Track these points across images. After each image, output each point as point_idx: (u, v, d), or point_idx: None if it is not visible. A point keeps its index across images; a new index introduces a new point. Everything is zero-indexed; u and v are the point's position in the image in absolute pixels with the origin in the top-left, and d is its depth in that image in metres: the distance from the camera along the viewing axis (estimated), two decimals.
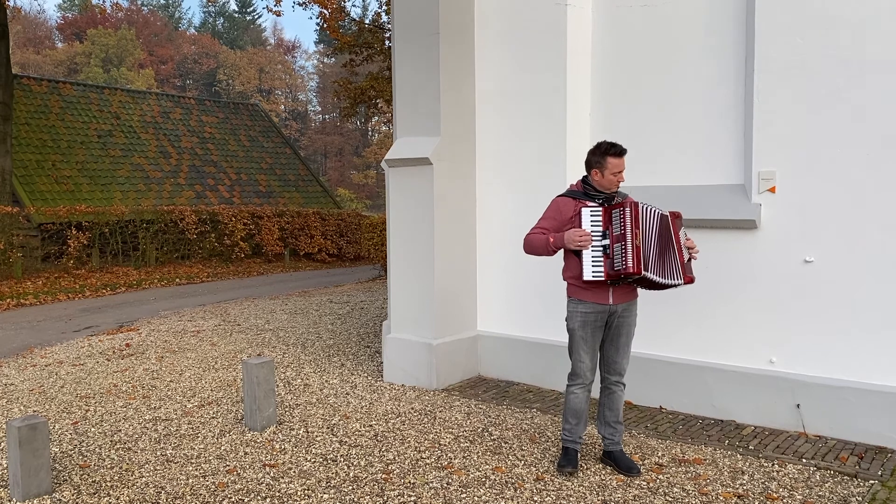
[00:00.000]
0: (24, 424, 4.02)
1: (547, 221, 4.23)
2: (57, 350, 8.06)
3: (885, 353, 4.64)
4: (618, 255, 3.92)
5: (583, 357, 4.21)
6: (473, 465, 4.43)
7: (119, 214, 15.99)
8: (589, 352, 4.20)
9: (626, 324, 4.22)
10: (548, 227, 4.20)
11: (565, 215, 4.16)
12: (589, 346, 4.19)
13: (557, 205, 4.23)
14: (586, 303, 4.15)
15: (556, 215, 4.20)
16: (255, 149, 22.62)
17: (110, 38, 49.14)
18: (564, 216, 4.16)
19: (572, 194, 4.22)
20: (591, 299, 4.14)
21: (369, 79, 19.49)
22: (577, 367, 4.24)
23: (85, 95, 20.05)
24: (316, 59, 61.31)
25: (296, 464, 4.49)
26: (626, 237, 3.90)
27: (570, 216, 4.14)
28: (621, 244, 3.91)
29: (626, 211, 3.94)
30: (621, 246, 3.91)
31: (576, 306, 4.20)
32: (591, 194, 4.15)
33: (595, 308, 4.14)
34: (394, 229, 6.43)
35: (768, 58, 4.95)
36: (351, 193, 44.06)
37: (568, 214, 4.15)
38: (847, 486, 4.04)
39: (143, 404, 5.82)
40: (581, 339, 4.18)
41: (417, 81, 6.24)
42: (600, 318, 4.16)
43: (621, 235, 3.92)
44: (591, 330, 4.17)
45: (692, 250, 4.13)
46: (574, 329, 4.21)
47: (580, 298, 4.18)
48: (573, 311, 4.21)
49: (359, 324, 9.28)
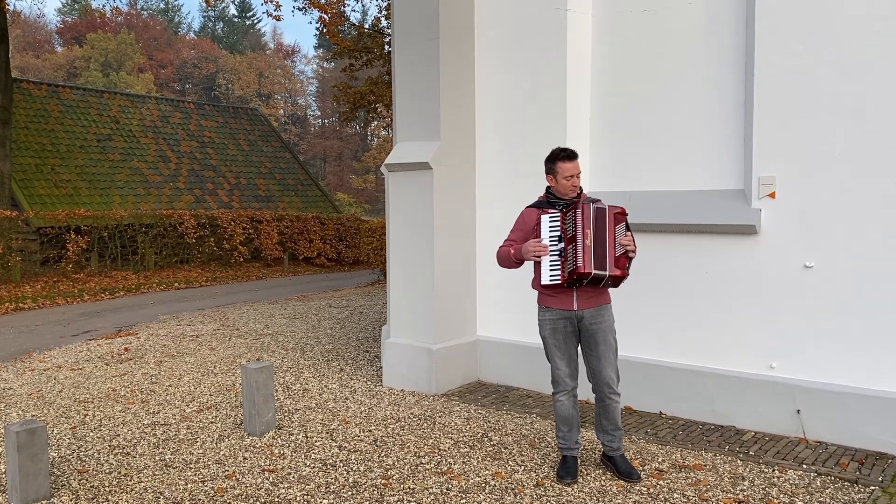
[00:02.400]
0: (22, 429, 4.01)
1: (514, 233, 4.33)
2: (55, 354, 8.04)
3: (885, 359, 4.63)
4: (570, 257, 4.00)
5: (559, 364, 4.24)
6: (473, 470, 4.42)
7: (118, 218, 15.99)
8: (564, 358, 4.23)
9: (599, 330, 4.19)
10: (515, 239, 4.30)
11: (529, 225, 4.26)
12: (563, 352, 4.22)
13: (523, 216, 4.33)
14: (553, 310, 4.21)
15: (522, 226, 4.30)
16: (254, 153, 22.63)
17: (110, 42, 49.16)
18: (528, 226, 4.26)
19: (537, 204, 4.31)
20: (557, 305, 4.19)
21: (369, 83, 19.52)
22: (555, 375, 4.27)
23: (84, 99, 20.06)
24: (315, 64, 61.38)
25: (295, 469, 4.47)
26: (577, 238, 3.98)
27: (532, 225, 4.23)
28: (573, 245, 4.00)
29: (578, 213, 4.01)
30: (573, 247, 4.00)
31: (544, 314, 4.26)
32: (553, 202, 4.22)
33: (561, 314, 4.19)
34: (393, 234, 6.43)
35: (768, 63, 4.96)
36: (350, 198, 44.06)
37: (531, 224, 4.24)
38: (848, 492, 4.03)
39: (141, 409, 5.81)
40: (554, 346, 4.24)
41: (417, 86, 6.24)
42: (569, 324, 4.20)
43: (573, 237, 4.01)
44: (562, 336, 4.21)
45: (627, 247, 4.07)
46: (546, 337, 4.27)
47: (547, 306, 4.25)
48: (542, 320, 4.27)
49: (358, 328, 9.27)
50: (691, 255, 5.33)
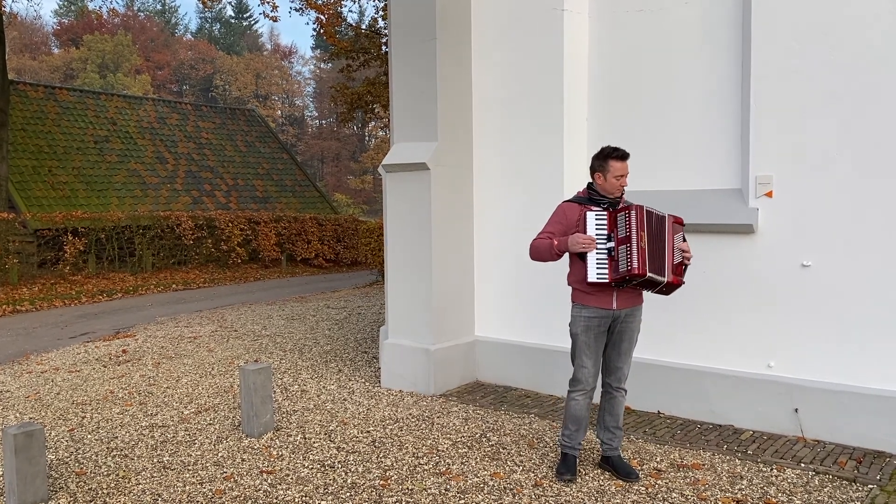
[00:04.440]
0: (19, 432, 4.00)
1: (552, 226, 4.24)
2: (53, 356, 8.03)
3: (883, 358, 4.64)
4: (622, 257, 3.94)
5: (585, 363, 4.20)
6: (471, 470, 4.42)
7: (115, 220, 15.96)
8: (592, 357, 4.20)
9: (629, 329, 4.22)
10: (553, 232, 4.20)
11: (570, 220, 4.18)
12: (592, 351, 4.19)
13: (563, 210, 4.25)
14: (590, 307, 4.16)
15: (562, 220, 4.22)
16: (251, 154, 22.60)
17: (107, 43, 49.09)
18: (570, 221, 4.18)
19: (578, 200, 4.25)
20: (595, 304, 4.14)
21: (366, 84, 19.49)
22: (579, 373, 4.23)
23: (81, 101, 20.03)
24: (313, 65, 61.33)
25: (293, 470, 4.47)
26: (632, 239, 3.92)
27: (575, 220, 4.16)
28: (626, 246, 3.94)
29: (632, 214, 3.96)
30: (626, 248, 3.94)
31: (580, 311, 4.20)
32: (596, 199, 4.18)
33: (599, 313, 4.14)
34: (391, 234, 6.43)
35: (765, 62, 4.96)
36: (348, 198, 44.01)
37: (573, 219, 4.17)
38: (846, 491, 4.03)
39: (139, 411, 5.80)
40: (584, 344, 4.18)
41: (415, 86, 6.24)
42: (604, 323, 4.16)
43: (626, 238, 3.94)
44: (594, 335, 4.17)
45: (685, 254, 4.17)
46: (577, 334, 4.21)
47: (584, 304, 4.18)
48: (577, 316, 4.21)
49: (356, 329, 9.26)
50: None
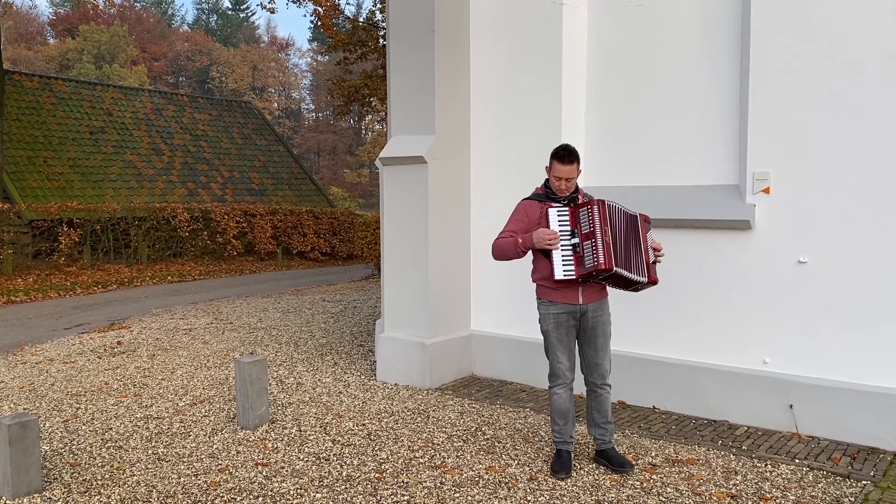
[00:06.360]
0: (14, 422, 3.99)
1: (514, 224, 4.24)
2: (48, 347, 8.01)
3: (878, 354, 4.65)
4: (588, 253, 3.95)
5: (560, 357, 4.23)
6: (467, 464, 4.42)
7: (111, 211, 15.91)
8: (565, 352, 4.23)
9: (600, 323, 4.24)
10: (515, 230, 4.21)
11: (532, 217, 4.18)
12: (565, 346, 4.22)
13: (524, 207, 4.26)
14: (557, 303, 4.19)
15: (523, 217, 4.22)
16: (247, 146, 22.55)
17: (103, 34, 48.85)
18: (531, 218, 4.19)
19: (537, 197, 4.26)
20: (562, 300, 4.17)
21: (363, 77, 19.44)
22: (555, 368, 4.26)
23: (77, 92, 19.94)
24: (309, 57, 61.16)
25: (288, 463, 4.47)
26: (596, 234, 3.93)
27: (536, 218, 4.16)
28: (591, 241, 3.94)
29: (594, 209, 3.97)
30: (591, 243, 3.94)
31: (547, 308, 4.23)
32: (553, 197, 4.19)
33: (566, 308, 4.17)
34: (388, 228, 6.41)
35: (763, 58, 4.96)
36: (344, 192, 43.96)
37: (534, 216, 4.17)
38: (840, 487, 4.05)
39: (134, 402, 5.78)
40: (556, 339, 4.22)
41: (412, 80, 6.22)
42: (573, 318, 4.20)
43: (590, 233, 3.95)
44: (564, 330, 4.20)
45: (657, 252, 4.19)
46: (549, 331, 4.24)
47: (551, 300, 4.21)
48: (545, 314, 4.24)
49: (352, 322, 9.25)
50: (685, 250, 5.33)
